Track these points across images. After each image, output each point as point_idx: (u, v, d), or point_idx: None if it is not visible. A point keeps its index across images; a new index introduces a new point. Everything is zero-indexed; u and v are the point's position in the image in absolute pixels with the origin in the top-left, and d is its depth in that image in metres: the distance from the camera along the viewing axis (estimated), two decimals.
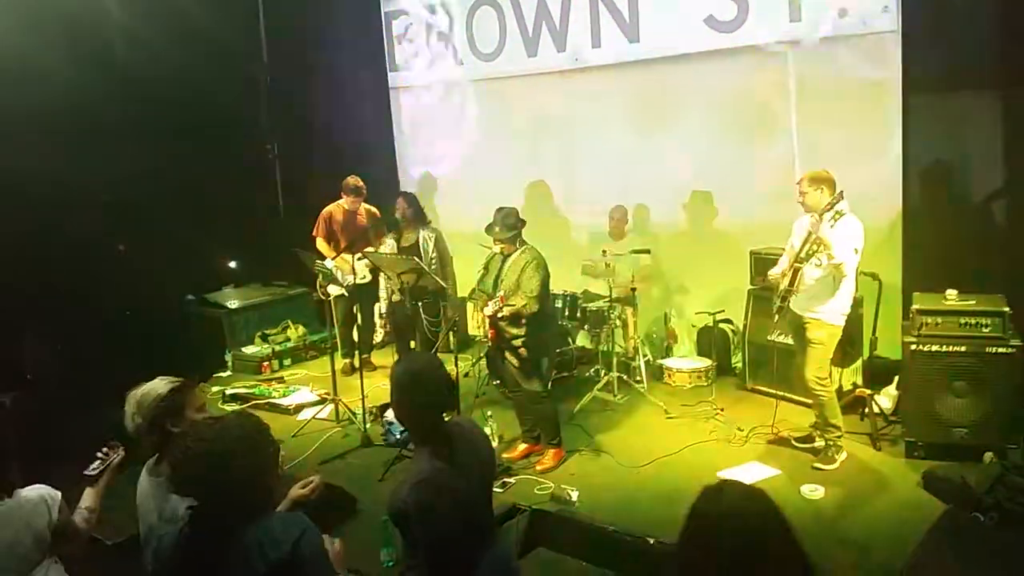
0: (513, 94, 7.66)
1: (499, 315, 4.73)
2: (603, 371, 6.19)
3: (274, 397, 6.18)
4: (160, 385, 2.71)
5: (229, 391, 6.41)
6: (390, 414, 3.55)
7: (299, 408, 6.00)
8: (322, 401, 6.00)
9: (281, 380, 6.74)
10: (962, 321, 4.61)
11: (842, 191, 4.43)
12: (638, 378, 6.28)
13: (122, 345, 6.09)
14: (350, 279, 5.98)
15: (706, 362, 6.36)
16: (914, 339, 4.66)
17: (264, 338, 7.29)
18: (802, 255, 4.48)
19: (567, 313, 6.38)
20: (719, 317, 6.44)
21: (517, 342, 4.89)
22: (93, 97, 6.26)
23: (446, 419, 2.72)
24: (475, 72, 7.83)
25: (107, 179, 6.37)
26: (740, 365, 6.25)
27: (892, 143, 5.72)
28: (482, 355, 6.19)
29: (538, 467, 4.91)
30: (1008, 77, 5.21)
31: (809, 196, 4.51)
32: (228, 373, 7.09)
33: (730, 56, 6.36)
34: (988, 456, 4.43)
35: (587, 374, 6.45)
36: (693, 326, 6.75)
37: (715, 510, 1.80)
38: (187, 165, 7.01)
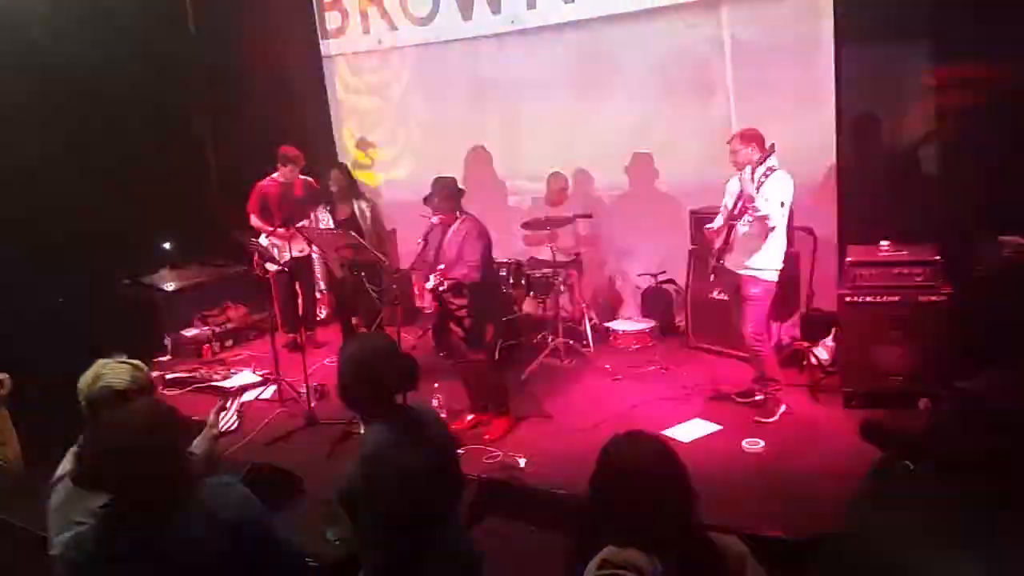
0: (449, 59, 7.51)
1: (441, 288, 4.67)
2: (550, 337, 6.19)
3: (216, 380, 6.05)
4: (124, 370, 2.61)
5: (169, 376, 6.25)
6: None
7: (241, 389, 5.87)
8: (265, 382, 5.89)
9: (222, 362, 6.59)
10: (895, 271, 4.70)
11: (772, 145, 4.46)
12: (585, 342, 6.30)
13: (57, 334, 5.89)
14: (287, 255, 5.84)
15: (650, 323, 6.41)
16: (848, 291, 4.74)
17: (203, 320, 7.11)
18: (735, 212, 4.51)
19: (512, 280, 6.35)
20: (662, 278, 6.51)
21: (460, 312, 4.86)
22: (12, 79, 5.97)
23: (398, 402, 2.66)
24: (409, 37, 7.65)
25: (33, 164, 6.10)
26: (683, 324, 6.31)
27: (825, 97, 5.75)
28: (428, 327, 6.14)
29: (486, 436, 4.91)
30: (939, 27, 5.25)
31: (740, 154, 4.53)
32: (168, 357, 6.92)
33: (665, 14, 6.32)
34: (923, 402, 4.56)
35: (534, 341, 6.45)
36: (637, 288, 6.79)
37: (619, 457, 1.99)
38: (114, 144, 6.75)
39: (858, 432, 4.40)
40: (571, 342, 6.14)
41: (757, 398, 4.97)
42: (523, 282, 6.37)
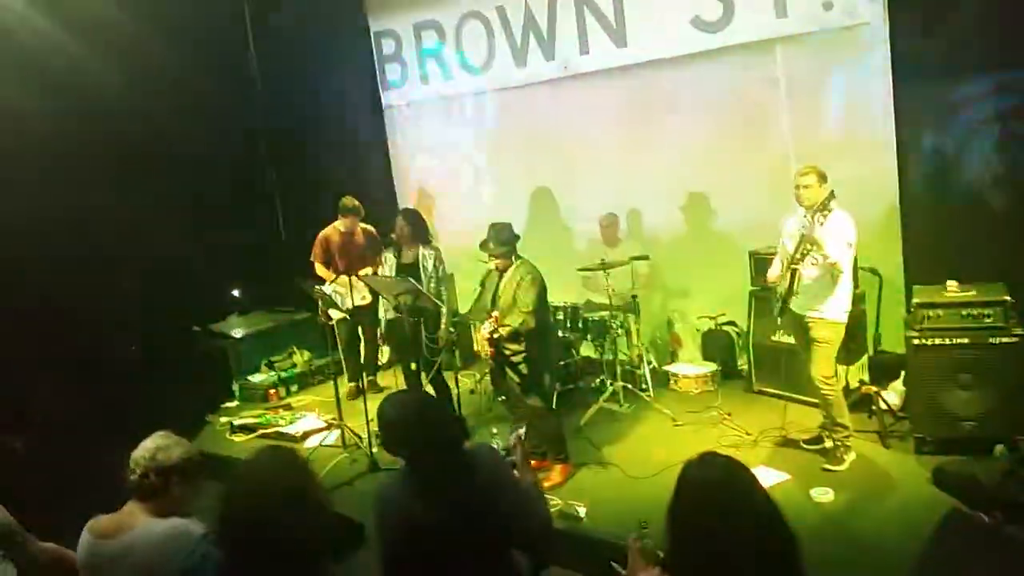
0: (505, 106, 7.66)
1: (495, 334, 4.71)
2: (608, 381, 6.16)
3: (281, 425, 6.18)
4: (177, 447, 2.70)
5: (237, 422, 6.41)
6: None
7: (305, 435, 6.00)
8: (328, 427, 6.00)
9: (288, 407, 6.74)
10: (963, 313, 4.56)
11: (832, 189, 4.40)
12: (644, 386, 6.24)
13: (130, 382, 6.12)
14: (349, 302, 5.98)
15: (711, 366, 6.33)
16: (916, 333, 4.61)
17: (270, 365, 7.30)
18: (796, 256, 4.44)
19: (568, 324, 6.36)
20: (722, 320, 6.43)
21: (517, 358, 4.89)
22: (90, 141, 6.32)
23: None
24: (466, 86, 7.84)
25: (109, 215, 6.40)
26: (746, 367, 6.20)
27: (886, 134, 5.67)
28: (486, 372, 6.17)
29: (545, 484, 4.87)
30: (998, 60, 5.15)
31: (811, 190, 4.45)
32: (236, 403, 7.11)
33: (718, 56, 6.34)
34: (999, 449, 4.37)
35: (592, 384, 6.41)
36: (697, 330, 6.72)
37: (699, 477, 2.04)
38: (189, 197, 7.06)
39: (930, 480, 4.30)
40: (629, 386, 6.10)
41: (826, 445, 4.84)
42: (580, 326, 6.36)
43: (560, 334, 6.21)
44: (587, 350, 6.71)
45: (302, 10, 7.75)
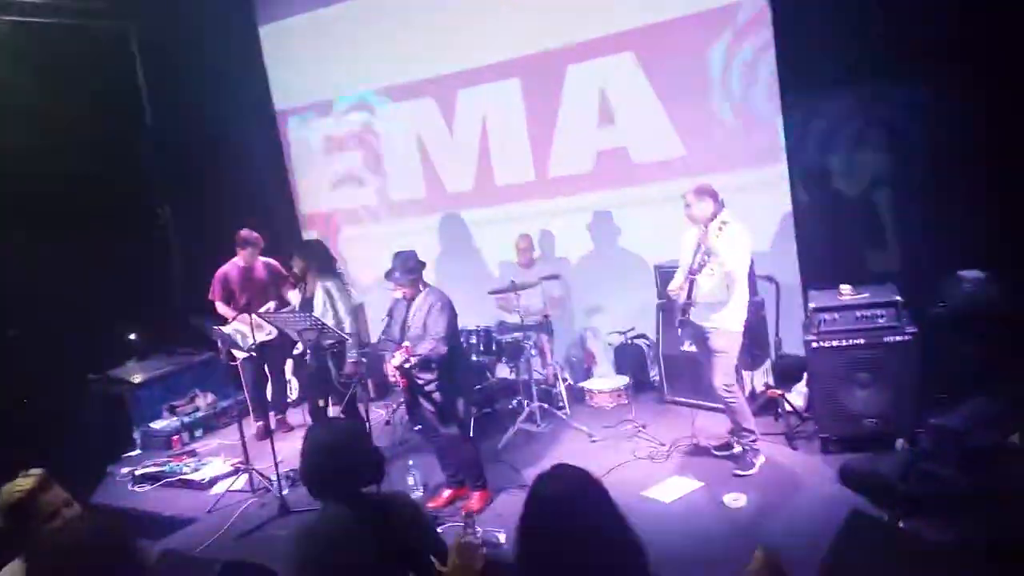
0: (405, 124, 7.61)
1: (407, 364, 4.62)
2: (525, 402, 6.13)
3: (186, 473, 5.89)
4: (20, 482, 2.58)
5: (139, 471, 6.09)
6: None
7: (212, 482, 5.73)
8: (235, 471, 5.75)
9: (193, 453, 6.44)
10: (858, 314, 4.72)
11: (722, 200, 4.51)
12: (560, 404, 6.24)
13: (23, 435, 5.75)
14: (250, 340, 5.77)
15: (624, 380, 6.38)
16: (814, 336, 4.75)
17: (172, 410, 6.96)
18: (694, 267, 4.53)
19: (482, 348, 6.29)
20: (632, 334, 6.50)
21: (430, 387, 4.80)
22: None
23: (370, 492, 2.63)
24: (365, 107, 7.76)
25: None
26: (657, 378, 6.28)
27: (776, 146, 5.88)
28: (401, 402, 6.05)
29: (464, 512, 4.78)
30: (877, 68, 5.39)
31: (695, 207, 4.58)
32: (138, 451, 6.75)
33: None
34: (899, 443, 4.53)
35: (510, 406, 6.38)
36: (609, 345, 6.77)
37: (545, 491, 2.04)
38: (73, 238, 6.69)
39: (837, 478, 4.42)
40: (546, 406, 6.08)
41: (735, 450, 4.93)
42: (494, 348, 6.32)
43: (474, 358, 6.15)
44: (502, 372, 6.68)
45: (192, 38, 7.51)
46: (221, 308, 6.40)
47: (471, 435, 5.29)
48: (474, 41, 6.99)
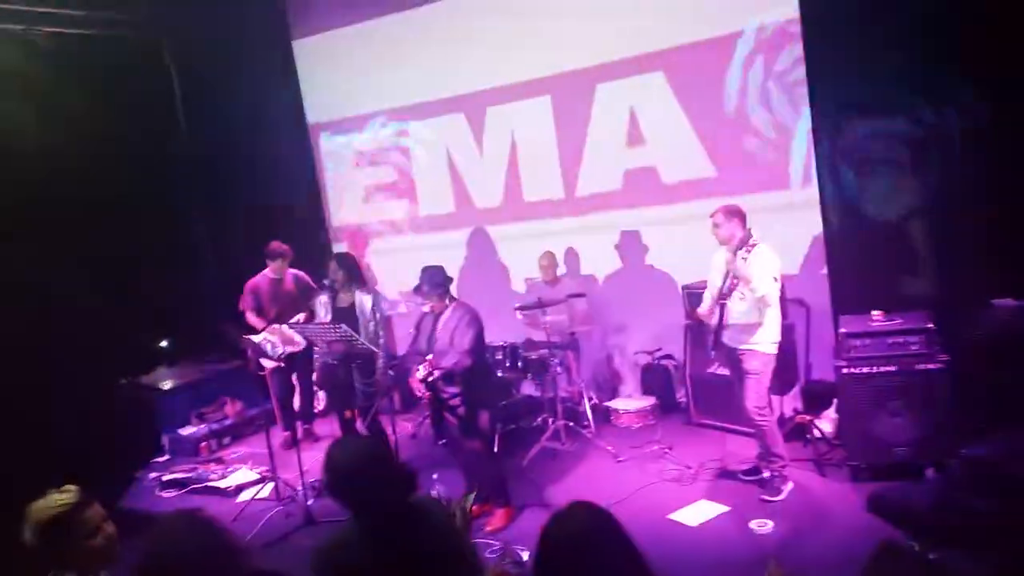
0: (433, 142, 7.68)
1: (431, 377, 4.64)
2: (550, 419, 6.12)
3: (212, 480, 5.95)
4: (50, 503, 2.55)
5: (166, 477, 6.16)
6: None
7: (238, 489, 5.78)
8: (261, 480, 5.80)
9: (220, 460, 6.51)
10: (889, 341, 4.66)
11: (750, 227, 4.51)
12: (586, 423, 6.22)
13: (55, 440, 5.83)
14: (280, 350, 5.82)
15: (651, 400, 6.34)
16: (845, 362, 4.70)
17: (200, 417, 7.05)
18: (724, 290, 4.52)
19: (508, 364, 6.31)
20: (659, 354, 6.47)
21: (454, 401, 4.82)
22: (8, 187, 6.08)
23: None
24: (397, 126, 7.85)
25: (32, 268, 6.15)
26: (685, 400, 6.24)
27: (805, 167, 5.85)
28: (427, 415, 6.07)
29: (487, 528, 4.79)
30: (912, 93, 5.34)
31: (723, 229, 4.57)
32: (165, 458, 6.83)
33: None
34: (930, 472, 4.47)
35: (535, 423, 6.37)
36: (636, 364, 6.74)
37: (559, 532, 1.98)
38: (107, 246, 6.81)
39: (866, 507, 4.35)
40: (571, 424, 6.07)
41: (763, 475, 4.88)
42: (519, 364, 6.33)
43: (500, 374, 6.16)
44: (528, 389, 6.68)
45: (228, 52, 7.65)
46: (251, 318, 6.47)
47: (495, 451, 5.31)
48: (505, 58, 7.05)
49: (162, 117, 7.77)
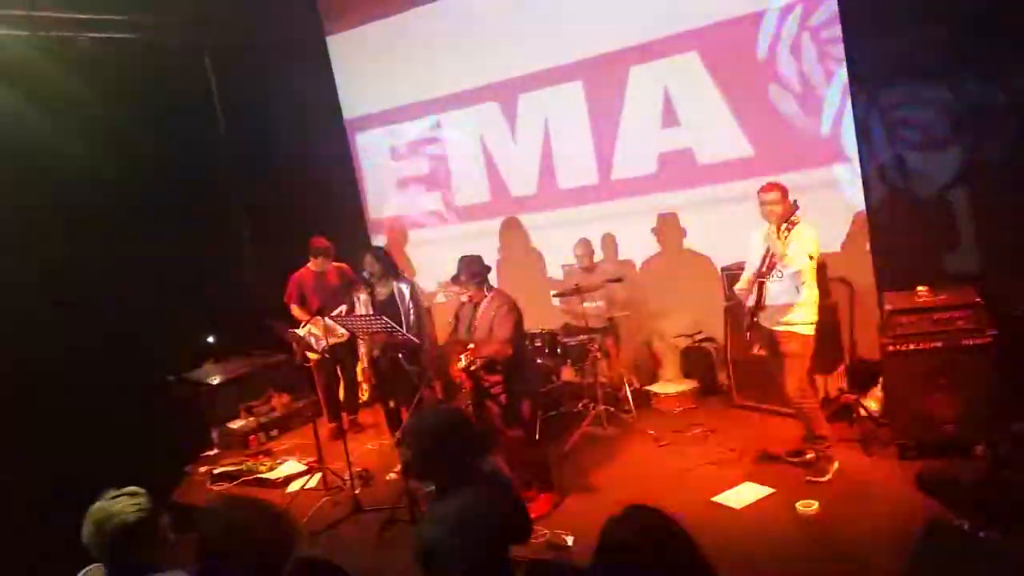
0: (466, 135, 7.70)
1: (472, 367, 4.69)
2: (591, 405, 6.13)
3: (262, 472, 6.09)
4: (127, 509, 2.54)
5: (217, 470, 6.31)
6: None
7: (287, 480, 5.91)
8: (309, 470, 5.92)
9: (269, 453, 6.64)
10: (935, 317, 4.58)
11: (795, 200, 4.44)
12: (626, 408, 6.22)
13: (107, 438, 6.00)
14: (324, 342, 5.92)
15: (692, 384, 6.32)
16: (890, 340, 4.63)
17: (248, 411, 7.19)
18: (763, 269, 4.48)
19: (547, 350, 6.33)
20: (699, 337, 6.44)
21: (495, 389, 4.85)
22: (49, 183, 6.27)
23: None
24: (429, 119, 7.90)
25: (70, 266, 6.33)
26: (726, 382, 6.20)
27: (845, 143, 5.75)
28: (468, 403, 6.12)
29: (532, 514, 4.82)
30: (951, 65, 5.22)
31: (776, 206, 4.50)
32: (215, 451, 6.99)
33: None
34: (979, 448, 4.40)
35: (576, 409, 6.39)
36: (676, 348, 6.71)
37: (622, 536, 1.93)
38: (153, 245, 6.98)
39: (914, 485, 4.30)
40: (612, 409, 6.07)
41: (808, 456, 4.83)
42: (559, 351, 6.35)
43: (539, 360, 6.18)
44: (568, 375, 6.70)
45: (266, 55, 7.76)
46: (295, 311, 6.59)
47: (537, 438, 5.34)
48: (536, 44, 7.03)
49: (202, 116, 7.91)
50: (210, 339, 7.79)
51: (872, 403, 5.24)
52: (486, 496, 2.70)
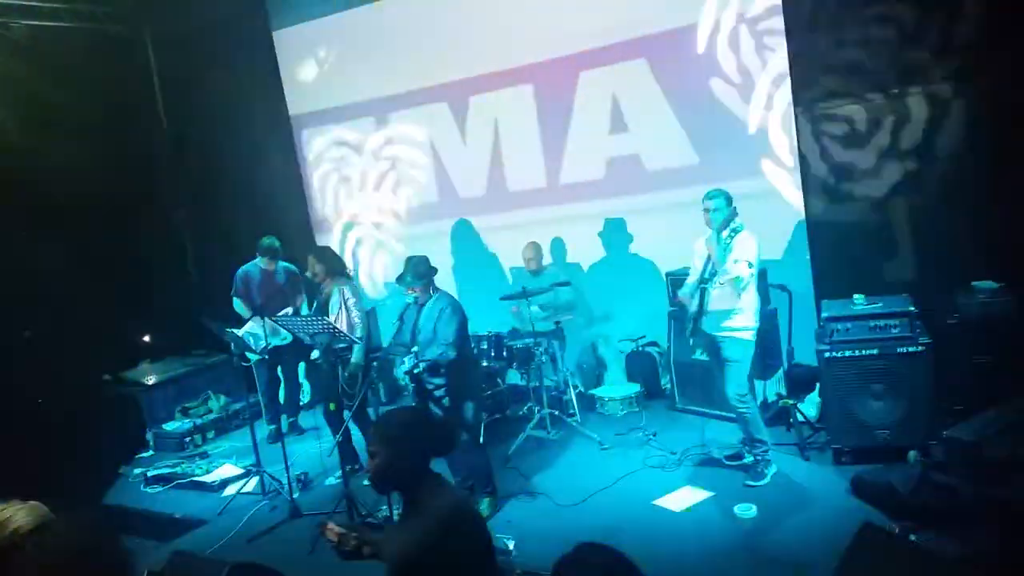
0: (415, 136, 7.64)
1: (415, 369, 4.63)
2: (535, 408, 6.12)
3: (197, 474, 5.93)
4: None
5: (152, 473, 6.12)
6: None
7: (223, 484, 5.76)
8: (247, 474, 5.78)
9: (205, 455, 6.47)
10: (871, 324, 4.69)
11: (735, 207, 4.50)
12: (571, 411, 6.23)
13: (38, 437, 5.79)
14: (263, 343, 5.79)
15: (635, 388, 6.36)
16: (827, 346, 4.72)
17: (185, 412, 7.01)
18: (705, 275, 4.52)
19: (493, 353, 6.30)
20: (643, 341, 6.49)
21: (439, 392, 4.81)
22: None
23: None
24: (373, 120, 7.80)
25: (13, 266, 6.10)
26: (669, 386, 6.26)
27: (788, 152, 5.86)
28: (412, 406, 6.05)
29: None
30: (889, 79, 5.36)
31: (718, 213, 4.54)
32: (150, 453, 6.79)
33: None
34: (912, 455, 4.50)
35: (521, 412, 6.37)
36: (620, 352, 6.75)
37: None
38: (88, 241, 6.76)
39: (849, 490, 4.39)
40: (556, 412, 6.07)
41: (746, 460, 4.90)
42: (504, 354, 6.32)
43: (485, 363, 6.15)
44: (513, 378, 6.68)
45: (208, 43, 7.57)
46: (238, 306, 6.44)
47: (481, 441, 5.30)
48: (486, 47, 7.00)
49: (143, 110, 7.71)
50: (146, 338, 7.59)
51: (809, 408, 5.35)
52: (464, 501, 2.68)
